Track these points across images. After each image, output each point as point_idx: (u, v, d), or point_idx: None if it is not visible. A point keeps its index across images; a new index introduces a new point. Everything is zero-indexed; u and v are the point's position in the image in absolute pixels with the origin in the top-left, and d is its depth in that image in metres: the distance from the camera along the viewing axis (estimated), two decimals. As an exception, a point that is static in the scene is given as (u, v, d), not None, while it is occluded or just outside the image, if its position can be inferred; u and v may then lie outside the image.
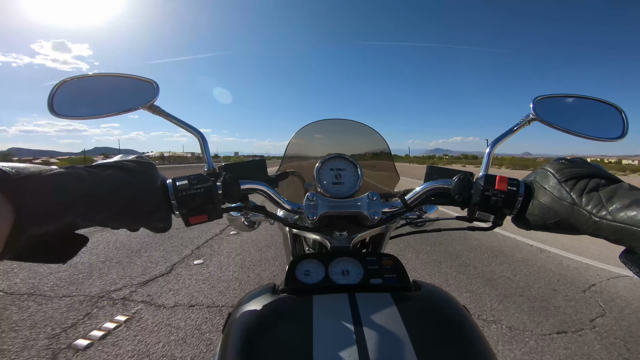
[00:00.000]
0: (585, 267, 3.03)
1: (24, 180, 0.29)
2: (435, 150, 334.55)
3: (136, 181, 0.39)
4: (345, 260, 0.50)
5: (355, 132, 0.76)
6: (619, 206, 0.33)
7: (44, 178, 0.31)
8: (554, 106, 0.52)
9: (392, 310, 0.42)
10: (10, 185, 0.28)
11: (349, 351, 0.36)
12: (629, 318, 2.06)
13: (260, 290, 0.49)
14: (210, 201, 0.43)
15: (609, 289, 2.52)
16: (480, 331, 0.42)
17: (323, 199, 0.52)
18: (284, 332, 0.40)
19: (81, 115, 0.49)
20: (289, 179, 0.69)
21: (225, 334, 0.44)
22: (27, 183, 0.29)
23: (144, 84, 0.51)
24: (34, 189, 0.30)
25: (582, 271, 2.92)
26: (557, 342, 1.77)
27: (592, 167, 0.40)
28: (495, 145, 0.54)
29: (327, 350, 0.36)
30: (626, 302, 2.28)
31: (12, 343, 1.68)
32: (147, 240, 3.59)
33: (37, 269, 2.65)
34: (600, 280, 2.71)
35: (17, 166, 0.30)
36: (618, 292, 2.45)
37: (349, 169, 0.59)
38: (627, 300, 2.33)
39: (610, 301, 2.30)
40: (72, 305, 2.09)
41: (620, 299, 2.34)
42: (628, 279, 2.70)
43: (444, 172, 0.58)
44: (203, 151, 0.54)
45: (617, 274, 2.82)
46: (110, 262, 2.93)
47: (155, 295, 2.25)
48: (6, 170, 0.29)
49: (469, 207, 0.48)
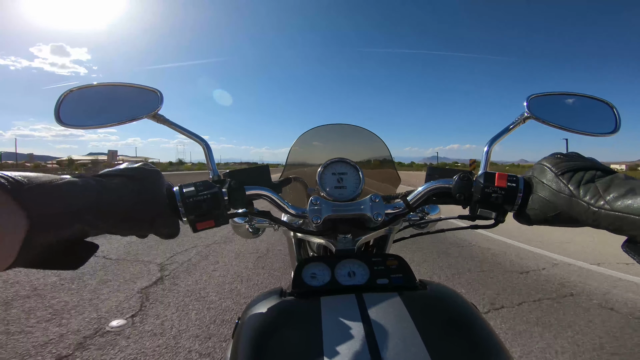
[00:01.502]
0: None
1: (37, 188, 0.30)
2: (431, 158, 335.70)
3: (142, 189, 0.39)
4: (351, 262, 0.51)
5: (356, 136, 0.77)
6: (615, 195, 0.34)
7: (55, 187, 0.32)
8: (547, 104, 0.54)
9: (401, 309, 0.42)
10: (24, 194, 0.29)
11: (359, 351, 0.36)
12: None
13: (267, 294, 0.49)
14: (217, 207, 0.44)
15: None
16: (491, 327, 0.42)
17: (326, 202, 0.52)
18: (293, 335, 0.40)
19: (88, 125, 0.49)
20: (292, 184, 0.69)
21: (235, 339, 0.44)
22: (39, 191, 0.30)
23: (148, 93, 0.52)
24: (46, 198, 0.30)
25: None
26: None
27: (587, 159, 0.41)
28: (493, 144, 0.55)
29: (337, 351, 0.36)
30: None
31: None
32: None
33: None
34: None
35: (29, 175, 0.31)
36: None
37: (350, 173, 0.60)
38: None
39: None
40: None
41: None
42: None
43: (445, 172, 0.59)
44: (207, 159, 0.55)
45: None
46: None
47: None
48: (19, 180, 0.29)
49: (471, 205, 0.48)
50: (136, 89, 0.52)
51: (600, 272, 3.04)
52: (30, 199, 0.29)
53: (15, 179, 0.29)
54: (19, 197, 0.28)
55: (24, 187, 0.29)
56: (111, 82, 0.52)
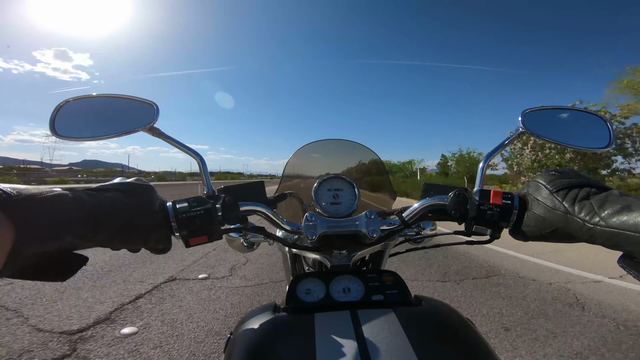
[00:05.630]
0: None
1: (25, 201, 0.30)
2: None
3: (135, 203, 0.39)
4: (346, 278, 0.50)
5: (352, 151, 0.77)
6: (610, 212, 0.34)
7: (44, 199, 0.31)
8: (541, 119, 0.54)
9: (395, 325, 0.41)
10: (11, 206, 0.29)
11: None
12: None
13: (261, 309, 0.48)
14: (210, 223, 0.44)
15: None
16: (488, 343, 0.41)
17: (322, 218, 0.52)
18: (286, 351, 0.39)
19: (82, 137, 0.49)
20: (287, 200, 0.69)
21: (226, 354, 0.43)
22: (27, 204, 0.30)
23: (144, 106, 0.52)
24: (34, 210, 0.30)
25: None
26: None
27: (581, 176, 0.42)
28: (488, 160, 0.55)
29: None
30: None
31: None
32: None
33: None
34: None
35: (17, 187, 0.31)
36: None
37: (346, 189, 0.60)
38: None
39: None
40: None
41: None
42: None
43: (440, 189, 0.59)
44: (202, 173, 0.55)
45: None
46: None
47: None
48: (7, 191, 0.29)
49: (466, 222, 0.48)
50: (132, 101, 0.52)
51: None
52: (18, 211, 0.29)
53: (3, 191, 0.29)
54: (6, 209, 0.28)
55: (11, 198, 0.29)
56: (108, 94, 0.52)
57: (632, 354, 1.78)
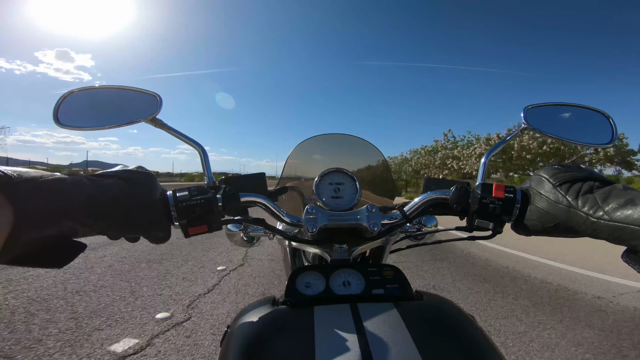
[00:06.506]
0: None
1: (25, 183, 0.29)
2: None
3: (136, 191, 0.39)
4: (346, 272, 0.50)
5: (353, 146, 0.77)
6: (614, 206, 0.34)
7: (44, 182, 0.31)
8: (544, 115, 0.54)
9: (396, 319, 0.41)
10: (12, 188, 0.28)
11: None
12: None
13: (259, 303, 0.47)
14: (210, 212, 0.43)
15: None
16: (490, 338, 0.41)
17: (322, 211, 0.51)
18: (285, 344, 0.38)
19: (85, 126, 0.49)
20: (288, 193, 0.69)
21: (223, 348, 0.42)
22: (27, 186, 0.29)
23: (147, 97, 0.52)
24: (34, 192, 0.30)
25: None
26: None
27: (584, 170, 0.41)
28: (490, 155, 0.55)
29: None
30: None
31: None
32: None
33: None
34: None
35: (18, 170, 0.30)
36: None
37: (347, 183, 0.60)
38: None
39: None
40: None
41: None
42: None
43: (442, 183, 0.59)
44: (204, 164, 0.54)
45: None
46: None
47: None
48: (7, 173, 0.29)
49: (468, 216, 0.48)
50: (136, 92, 0.52)
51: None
52: (18, 193, 0.28)
53: (4, 173, 0.29)
54: (6, 190, 0.28)
55: (12, 180, 0.29)
56: (111, 85, 0.52)
57: None
